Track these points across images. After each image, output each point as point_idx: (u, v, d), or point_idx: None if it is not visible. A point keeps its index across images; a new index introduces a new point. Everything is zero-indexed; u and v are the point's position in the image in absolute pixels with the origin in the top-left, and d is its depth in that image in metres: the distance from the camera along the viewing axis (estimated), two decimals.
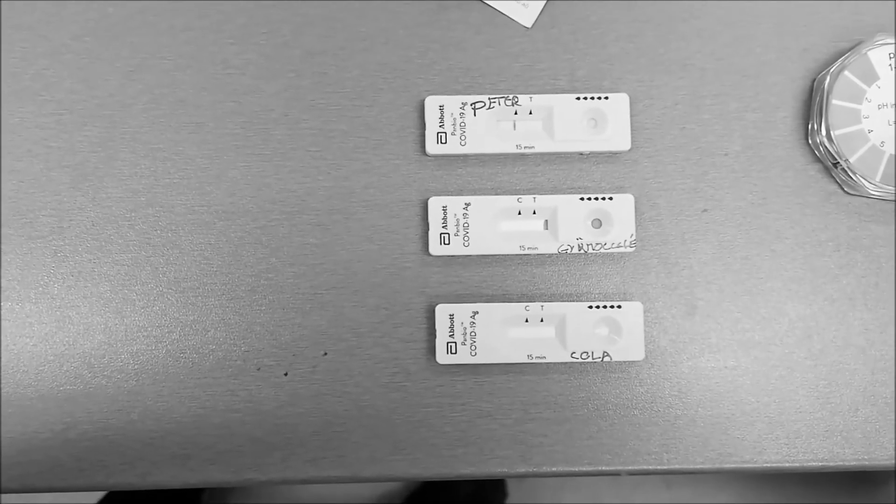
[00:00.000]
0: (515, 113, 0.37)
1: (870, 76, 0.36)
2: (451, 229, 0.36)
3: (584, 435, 0.37)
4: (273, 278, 0.37)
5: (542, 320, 0.36)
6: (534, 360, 0.36)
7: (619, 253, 0.37)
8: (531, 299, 0.37)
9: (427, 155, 0.37)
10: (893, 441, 0.37)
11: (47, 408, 0.36)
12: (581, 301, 0.37)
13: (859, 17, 0.38)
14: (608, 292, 0.37)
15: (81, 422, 0.36)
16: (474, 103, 0.37)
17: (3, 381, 0.36)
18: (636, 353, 0.36)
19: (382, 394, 0.37)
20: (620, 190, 0.37)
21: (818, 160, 0.38)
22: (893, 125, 0.36)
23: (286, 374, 0.37)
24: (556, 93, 0.37)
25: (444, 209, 0.36)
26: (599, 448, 0.37)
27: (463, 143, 0.37)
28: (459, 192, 0.37)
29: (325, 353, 0.37)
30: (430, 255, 0.37)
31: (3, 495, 0.37)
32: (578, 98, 0.37)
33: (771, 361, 0.37)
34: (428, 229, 0.36)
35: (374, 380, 0.37)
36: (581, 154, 0.38)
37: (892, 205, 0.37)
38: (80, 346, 0.37)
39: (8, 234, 0.37)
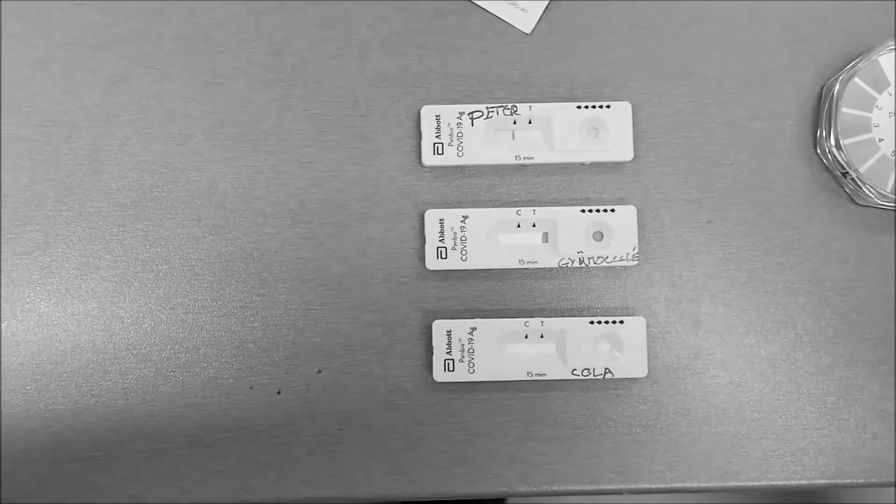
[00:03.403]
0: (514, 122, 0.36)
1: (881, 83, 0.35)
2: (448, 243, 0.35)
3: (586, 453, 0.36)
4: (265, 294, 0.36)
5: (542, 336, 0.35)
6: (533, 378, 0.35)
7: (621, 266, 0.36)
8: (531, 315, 0.36)
9: (423, 166, 0.36)
10: None
11: (35, 428, 0.36)
12: (582, 316, 0.36)
13: (869, 21, 0.37)
14: (610, 307, 0.36)
15: (70, 442, 0.35)
16: (472, 113, 0.35)
17: None
18: (639, 369, 0.35)
19: (378, 412, 0.36)
20: (622, 201, 0.36)
21: (827, 170, 0.36)
22: None
23: (279, 393, 0.36)
24: (556, 101, 0.36)
25: (441, 222, 0.35)
26: (601, 467, 0.36)
27: (460, 153, 0.35)
28: (457, 205, 0.36)
29: (319, 371, 0.36)
30: (426, 269, 0.36)
31: None
32: (579, 107, 0.35)
33: (777, 377, 0.36)
34: (424, 243, 0.35)
35: (369, 398, 0.36)
36: (582, 164, 0.37)
37: None
38: (68, 365, 0.36)
39: None
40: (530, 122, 0.36)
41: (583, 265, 0.35)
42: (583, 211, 0.35)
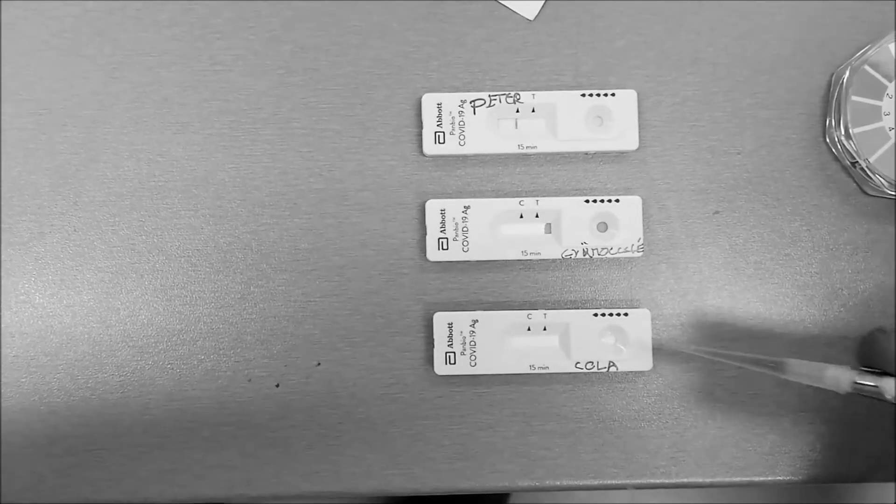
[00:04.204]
0: (517, 111, 0.35)
1: (891, 70, 0.35)
2: (449, 233, 0.35)
3: (589, 448, 0.35)
4: (264, 285, 0.35)
5: (545, 329, 0.35)
6: (536, 371, 0.34)
7: (625, 258, 0.35)
8: (534, 307, 0.35)
9: (424, 155, 0.36)
10: None
11: (30, 422, 0.35)
12: (586, 308, 0.35)
13: (880, 8, 0.36)
14: (614, 299, 0.36)
15: (65, 436, 0.35)
16: (474, 101, 0.35)
17: None
18: (644, 362, 0.34)
19: (378, 406, 0.35)
20: (627, 191, 0.36)
21: (836, 159, 0.36)
22: None
23: (278, 386, 0.35)
24: (560, 89, 0.36)
25: (443, 212, 0.35)
26: (605, 461, 0.35)
27: (462, 142, 0.35)
28: (458, 195, 0.36)
29: (319, 364, 0.35)
30: (427, 260, 0.35)
31: None
32: (583, 95, 0.35)
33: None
34: (425, 233, 0.35)
35: (369, 391, 0.35)
36: (586, 154, 0.36)
37: None
38: (63, 357, 0.35)
39: None
40: (533, 111, 0.35)
41: (587, 256, 0.35)
42: (587, 201, 0.35)
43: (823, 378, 0.29)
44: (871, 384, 0.27)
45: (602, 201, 0.35)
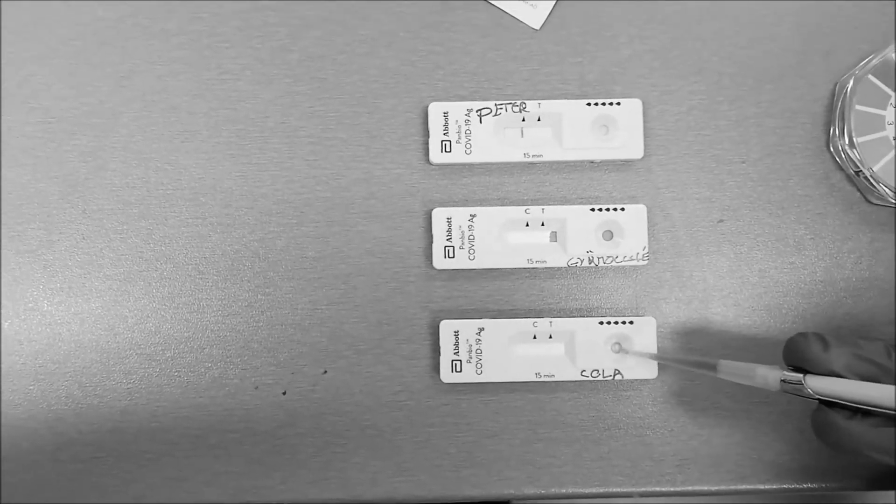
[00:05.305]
0: (523, 120, 0.35)
1: (894, 80, 0.35)
2: (455, 242, 0.35)
3: (595, 456, 0.35)
4: (271, 293, 0.35)
5: (550, 337, 0.35)
6: (542, 379, 0.34)
7: (631, 266, 0.36)
8: (539, 315, 0.36)
9: (431, 164, 0.36)
10: None
11: (37, 428, 0.35)
12: (591, 316, 0.35)
13: (884, 18, 0.36)
14: (620, 307, 0.36)
15: (73, 442, 0.35)
16: (480, 110, 0.35)
17: None
18: (649, 370, 0.35)
19: (385, 413, 0.35)
20: (633, 200, 0.36)
21: (840, 168, 0.36)
22: None
23: (285, 393, 0.35)
24: (566, 98, 0.36)
25: (449, 221, 0.35)
26: (610, 469, 0.35)
27: (468, 151, 0.35)
28: (464, 203, 0.36)
29: (325, 371, 0.35)
30: (433, 268, 0.35)
31: None
32: (589, 104, 0.35)
33: None
34: (432, 242, 0.35)
35: (375, 398, 0.35)
36: (592, 162, 0.36)
37: None
38: (71, 365, 0.35)
39: None
40: (539, 120, 0.35)
41: (592, 265, 0.35)
42: (592, 210, 0.35)
43: (754, 377, 0.30)
44: (795, 381, 0.29)
45: (607, 210, 0.35)
